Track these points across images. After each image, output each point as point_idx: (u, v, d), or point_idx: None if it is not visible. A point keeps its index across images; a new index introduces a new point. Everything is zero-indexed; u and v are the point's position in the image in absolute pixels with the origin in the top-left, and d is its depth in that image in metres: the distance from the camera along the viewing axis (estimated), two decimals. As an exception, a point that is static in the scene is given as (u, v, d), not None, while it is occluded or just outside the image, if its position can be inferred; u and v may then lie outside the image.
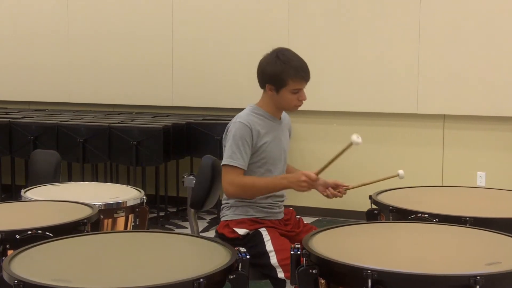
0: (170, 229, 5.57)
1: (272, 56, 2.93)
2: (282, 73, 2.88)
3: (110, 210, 3.08)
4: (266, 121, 2.97)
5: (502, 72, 5.47)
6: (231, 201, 3.01)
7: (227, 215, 3.02)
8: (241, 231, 2.93)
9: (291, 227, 3.06)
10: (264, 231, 2.91)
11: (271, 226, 2.96)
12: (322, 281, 2.15)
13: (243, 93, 5.88)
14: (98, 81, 6.81)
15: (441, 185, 5.49)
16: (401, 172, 2.94)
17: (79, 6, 6.83)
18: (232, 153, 2.86)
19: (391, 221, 2.79)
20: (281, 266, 2.79)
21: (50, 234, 2.49)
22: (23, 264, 2.11)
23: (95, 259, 2.25)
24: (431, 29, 5.62)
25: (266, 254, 2.82)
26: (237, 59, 6.18)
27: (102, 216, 2.96)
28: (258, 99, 3.03)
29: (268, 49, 2.99)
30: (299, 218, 3.17)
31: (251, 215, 2.98)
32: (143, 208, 3.20)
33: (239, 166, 2.86)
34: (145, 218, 3.21)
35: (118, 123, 5.79)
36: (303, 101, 2.97)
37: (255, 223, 2.95)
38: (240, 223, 2.95)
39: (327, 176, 3.05)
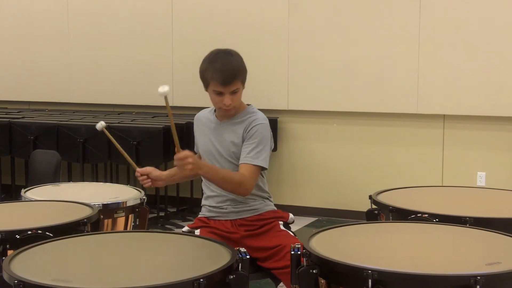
0: (170, 229, 5.57)
1: (208, 54, 2.94)
2: (205, 72, 2.90)
3: (110, 210, 3.08)
4: (206, 120, 3.07)
5: (502, 72, 5.47)
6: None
7: None
8: (185, 229, 3.04)
9: (243, 235, 2.95)
10: (197, 232, 2.95)
11: (208, 226, 2.96)
12: (323, 281, 2.15)
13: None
14: (98, 81, 6.81)
15: (441, 185, 5.49)
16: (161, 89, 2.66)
17: (79, 6, 6.83)
18: None
19: (391, 221, 2.79)
20: None
21: (50, 234, 2.49)
22: (23, 264, 2.11)
23: (95, 259, 2.25)
24: (431, 29, 5.62)
25: None
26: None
27: (102, 216, 2.96)
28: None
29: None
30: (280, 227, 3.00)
31: (203, 215, 3.04)
32: (143, 208, 3.20)
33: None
34: (145, 218, 3.21)
35: (118, 123, 5.79)
36: (227, 105, 2.87)
37: (200, 221, 3.02)
38: (195, 221, 3.05)
39: (329, 175, 3.03)
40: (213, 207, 3.01)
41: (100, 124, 2.99)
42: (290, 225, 3.07)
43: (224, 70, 2.83)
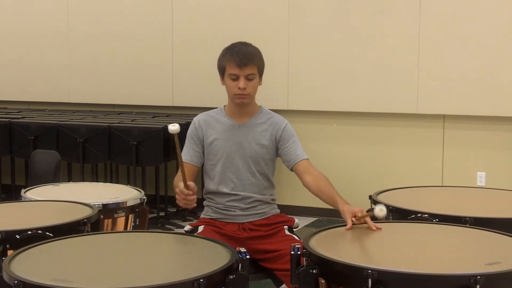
0: (170, 229, 5.57)
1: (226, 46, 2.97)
2: (222, 58, 2.92)
3: (110, 210, 3.08)
4: (217, 122, 2.99)
5: (502, 72, 5.46)
6: (204, 202, 3.06)
7: None
8: (187, 227, 3.00)
9: (249, 236, 2.95)
10: (201, 228, 2.93)
11: (213, 225, 2.94)
12: (322, 281, 2.15)
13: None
14: (98, 81, 6.81)
15: (441, 185, 5.49)
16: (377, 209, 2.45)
17: (79, 6, 6.83)
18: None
19: (391, 221, 2.79)
20: None
21: (50, 234, 2.49)
22: (23, 264, 2.11)
23: (95, 259, 2.25)
24: (431, 29, 5.61)
25: None
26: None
27: (102, 216, 2.96)
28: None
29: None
30: (286, 231, 3.00)
31: (208, 216, 3.01)
32: (143, 208, 3.20)
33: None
34: (145, 218, 3.21)
35: (118, 123, 5.79)
36: (242, 90, 2.85)
37: (204, 223, 2.98)
38: (198, 221, 3.02)
39: (329, 175, 3.03)
40: (220, 209, 2.98)
41: (174, 128, 2.52)
42: (294, 229, 3.07)
43: (240, 53, 2.86)
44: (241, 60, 2.84)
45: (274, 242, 2.91)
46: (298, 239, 2.94)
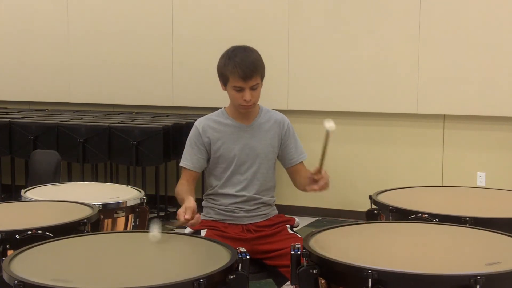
0: (170, 229, 5.57)
1: (226, 51, 2.92)
2: (224, 68, 2.87)
3: (110, 210, 3.08)
4: (222, 125, 2.97)
5: (502, 72, 5.46)
6: (203, 203, 3.04)
7: None
8: (186, 230, 2.97)
9: (253, 237, 2.95)
10: (203, 232, 2.91)
11: (216, 229, 2.93)
12: (322, 281, 2.15)
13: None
14: (98, 81, 6.81)
15: (441, 185, 5.49)
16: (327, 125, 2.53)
17: (79, 6, 6.83)
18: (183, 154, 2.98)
19: (391, 221, 2.79)
20: None
21: (50, 234, 2.49)
22: (23, 264, 2.11)
23: (95, 259, 2.25)
24: (431, 29, 5.61)
25: None
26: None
27: (102, 216, 2.96)
28: None
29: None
30: (288, 231, 3.02)
31: (210, 217, 3.00)
32: (143, 208, 3.20)
33: (185, 167, 2.95)
34: (145, 218, 3.21)
35: (118, 123, 5.79)
36: (248, 101, 2.85)
37: (205, 226, 2.95)
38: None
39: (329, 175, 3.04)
40: (224, 210, 2.97)
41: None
42: (294, 228, 3.07)
43: (243, 65, 2.81)
44: (245, 73, 2.81)
45: (279, 241, 2.92)
46: (301, 237, 2.95)
